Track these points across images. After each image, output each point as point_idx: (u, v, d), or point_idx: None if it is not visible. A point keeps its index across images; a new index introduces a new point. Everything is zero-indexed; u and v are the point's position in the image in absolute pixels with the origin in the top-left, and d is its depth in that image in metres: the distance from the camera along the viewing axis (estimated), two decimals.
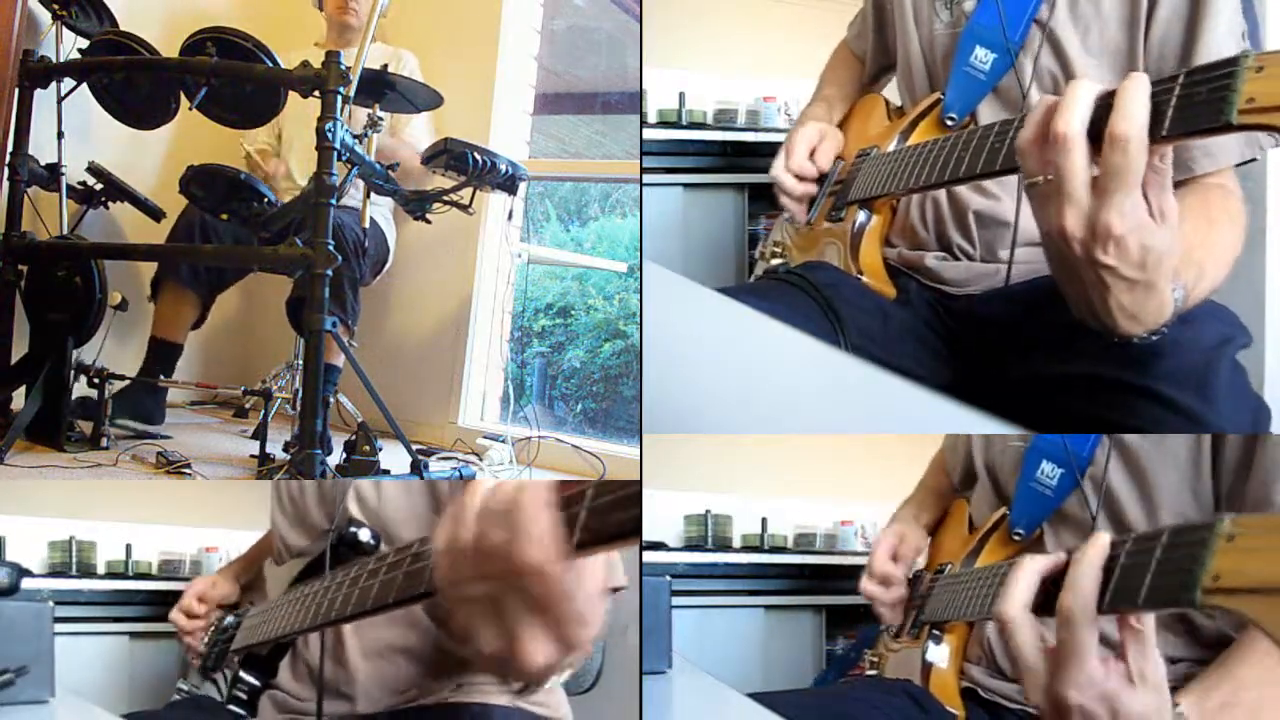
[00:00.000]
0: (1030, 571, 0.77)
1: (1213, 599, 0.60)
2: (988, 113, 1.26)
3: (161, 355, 2.54)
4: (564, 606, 0.61)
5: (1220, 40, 1.12)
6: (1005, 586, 0.77)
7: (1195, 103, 0.80)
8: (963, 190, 1.29)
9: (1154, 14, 1.17)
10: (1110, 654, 0.74)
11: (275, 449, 2.13)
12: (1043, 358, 1.17)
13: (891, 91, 1.56)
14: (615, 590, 1.05)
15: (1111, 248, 0.85)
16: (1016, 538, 1.24)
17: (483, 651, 0.65)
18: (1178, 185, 1.08)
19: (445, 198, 2.38)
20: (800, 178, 1.42)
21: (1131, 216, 0.84)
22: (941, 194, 1.32)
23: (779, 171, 1.42)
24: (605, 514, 0.59)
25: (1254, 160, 1.15)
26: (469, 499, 0.65)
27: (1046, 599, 0.76)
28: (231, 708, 1.24)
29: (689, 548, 2.15)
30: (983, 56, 1.25)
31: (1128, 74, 1.01)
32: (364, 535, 1.12)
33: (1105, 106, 0.85)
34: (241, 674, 1.24)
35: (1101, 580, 0.71)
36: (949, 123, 1.29)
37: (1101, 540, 0.72)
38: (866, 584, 1.41)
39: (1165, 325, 0.94)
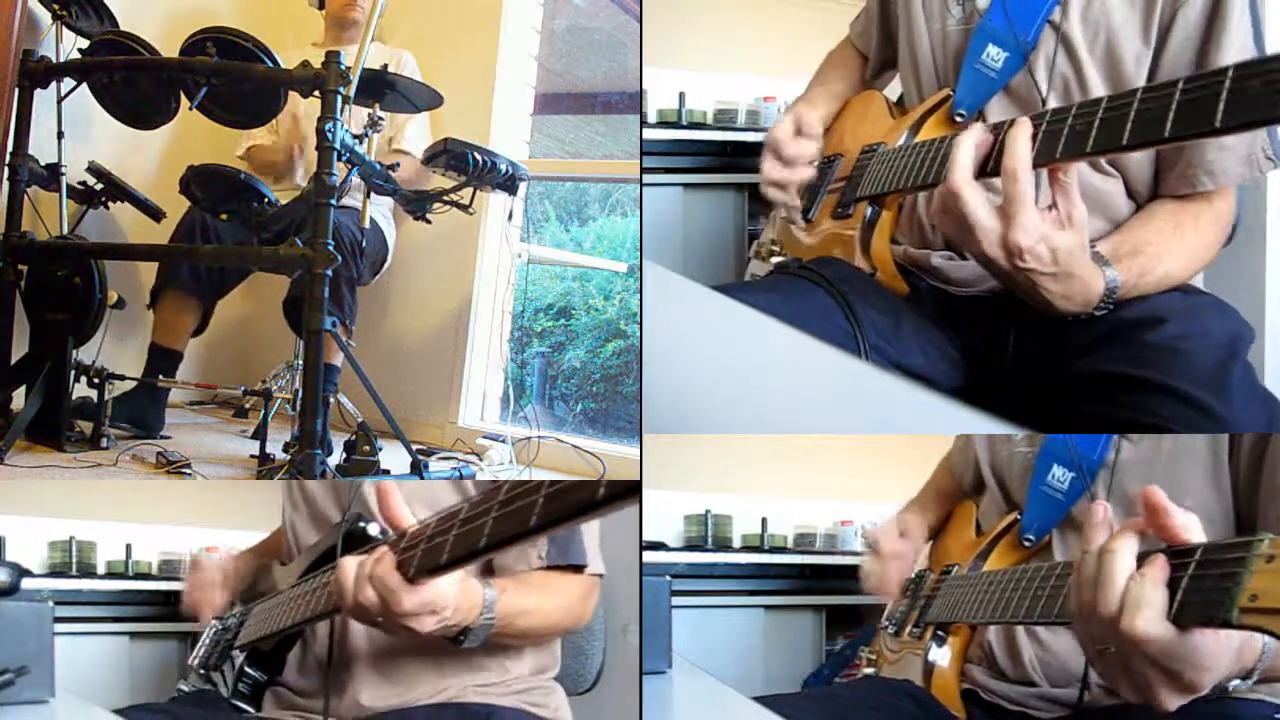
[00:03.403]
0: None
1: (1249, 618, 0.61)
2: (997, 110, 1.26)
3: (161, 362, 2.53)
4: (420, 617, 0.97)
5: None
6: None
7: (1111, 125, 0.93)
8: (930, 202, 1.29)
9: (1168, 36, 1.18)
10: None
11: (275, 449, 2.13)
12: (1054, 357, 1.17)
13: (892, 90, 1.56)
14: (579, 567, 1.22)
15: (1027, 256, 1.03)
16: (1027, 543, 1.24)
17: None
18: (1183, 197, 1.19)
19: (445, 198, 2.38)
20: (790, 163, 1.42)
21: (1034, 230, 1.01)
22: None
23: (769, 166, 1.43)
24: (425, 555, 0.89)
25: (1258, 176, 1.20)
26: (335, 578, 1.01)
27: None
28: (235, 702, 1.24)
29: (689, 548, 2.15)
30: (994, 55, 1.25)
31: (1124, 85, 1.07)
32: (373, 530, 1.12)
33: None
34: (246, 668, 1.25)
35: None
36: (958, 119, 1.29)
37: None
38: (869, 561, 1.42)
39: (1104, 302, 1.10)
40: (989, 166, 1.04)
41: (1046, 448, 1.21)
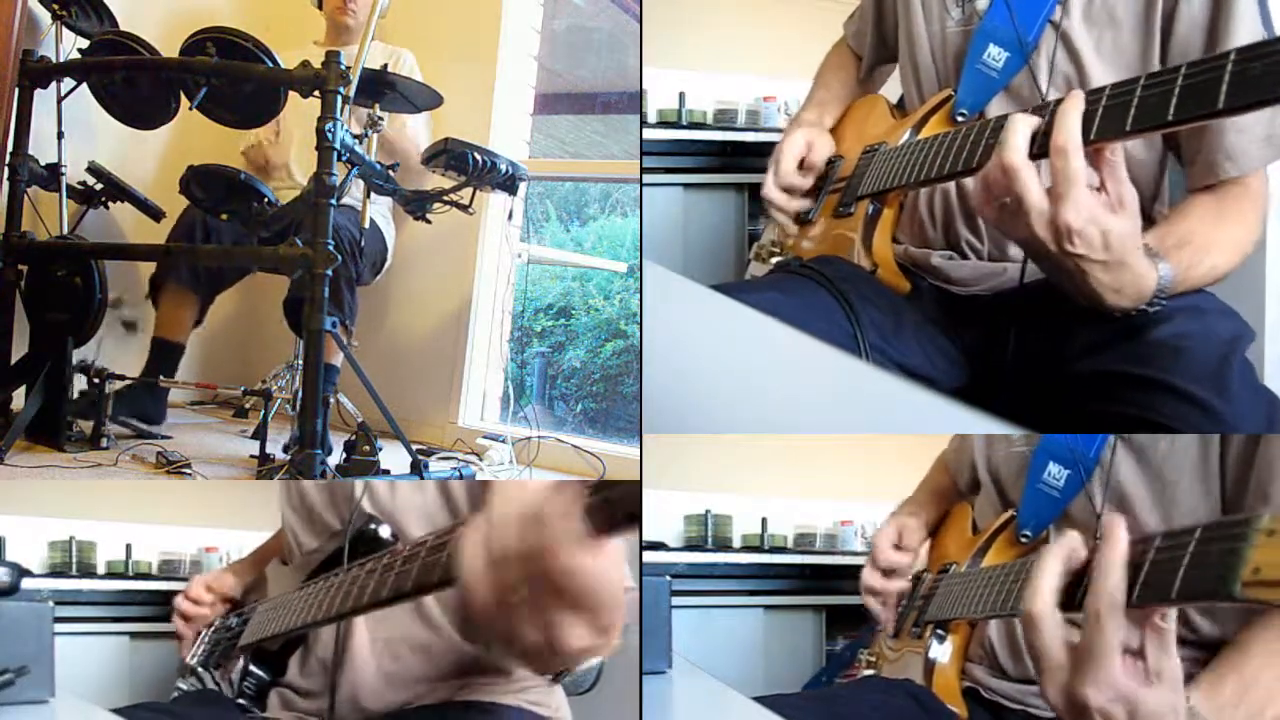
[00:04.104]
0: (1055, 562, 0.78)
1: (1253, 591, 0.61)
2: (998, 110, 1.26)
3: (164, 355, 2.54)
4: (597, 596, 0.67)
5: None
6: (1030, 581, 0.77)
7: (1145, 106, 0.92)
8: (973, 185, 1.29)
9: (1172, 25, 1.18)
10: (1127, 653, 0.74)
11: (275, 449, 2.12)
12: (1056, 357, 1.17)
13: (887, 89, 1.56)
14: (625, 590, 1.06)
15: (1076, 239, 0.98)
16: (1024, 539, 1.24)
17: (526, 647, 0.71)
18: (1219, 187, 1.16)
19: (445, 198, 2.38)
20: (789, 191, 1.43)
21: (1085, 210, 0.96)
22: (951, 189, 1.32)
23: (769, 189, 1.44)
24: (617, 505, 0.65)
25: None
26: (499, 509, 0.70)
27: (1068, 595, 0.77)
28: (240, 702, 1.24)
29: (689, 548, 2.15)
30: (996, 55, 1.25)
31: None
32: (384, 532, 1.12)
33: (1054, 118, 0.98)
34: (251, 667, 1.24)
35: (1130, 575, 0.72)
36: (959, 119, 1.29)
37: (1122, 534, 0.73)
38: (868, 575, 1.42)
39: (1157, 298, 1.05)
40: (1034, 149, 1.01)
41: (1043, 445, 1.21)
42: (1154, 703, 0.77)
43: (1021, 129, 0.99)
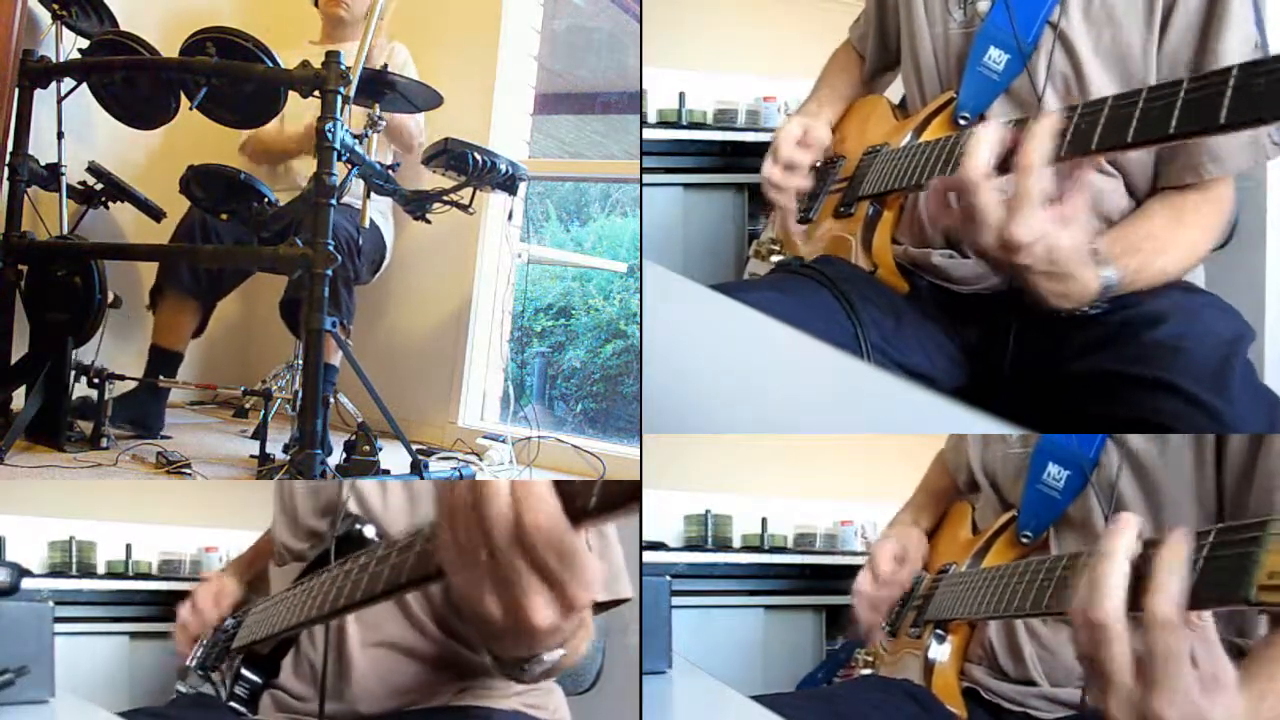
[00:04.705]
0: (1122, 562, 0.70)
1: (1268, 595, 0.60)
2: (1000, 112, 1.26)
3: (161, 363, 2.54)
4: (565, 565, 0.64)
5: (1233, 52, 1.14)
6: (1094, 582, 0.70)
7: (1116, 123, 0.93)
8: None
9: (1169, 22, 1.18)
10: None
11: (275, 449, 2.12)
12: (1055, 355, 1.17)
13: (890, 92, 1.56)
14: (621, 601, 1.06)
15: (1022, 254, 1.01)
16: (1025, 540, 1.24)
17: (487, 617, 0.68)
18: (1183, 188, 1.18)
19: (445, 198, 2.38)
20: (789, 168, 1.43)
21: (1036, 227, 0.99)
22: None
23: (769, 169, 1.44)
24: (596, 491, 0.64)
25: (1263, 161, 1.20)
26: (469, 483, 0.68)
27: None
28: (232, 705, 1.24)
29: (689, 548, 2.15)
30: (996, 57, 1.25)
31: (1134, 79, 1.06)
32: (369, 532, 1.12)
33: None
34: (243, 671, 1.24)
35: (1132, 580, 0.69)
36: (961, 122, 1.29)
37: (1186, 535, 0.68)
38: (864, 582, 1.39)
39: (1102, 300, 1.09)
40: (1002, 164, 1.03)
41: (1042, 446, 1.21)
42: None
43: (984, 146, 1.02)
